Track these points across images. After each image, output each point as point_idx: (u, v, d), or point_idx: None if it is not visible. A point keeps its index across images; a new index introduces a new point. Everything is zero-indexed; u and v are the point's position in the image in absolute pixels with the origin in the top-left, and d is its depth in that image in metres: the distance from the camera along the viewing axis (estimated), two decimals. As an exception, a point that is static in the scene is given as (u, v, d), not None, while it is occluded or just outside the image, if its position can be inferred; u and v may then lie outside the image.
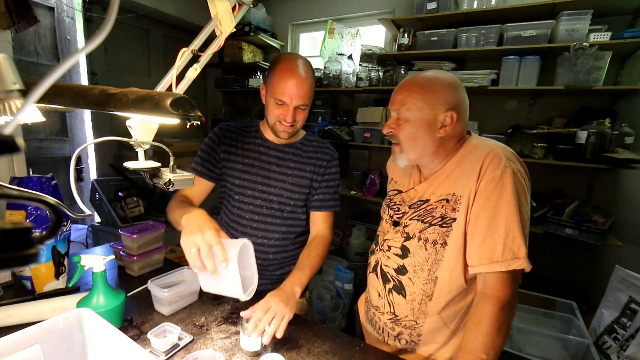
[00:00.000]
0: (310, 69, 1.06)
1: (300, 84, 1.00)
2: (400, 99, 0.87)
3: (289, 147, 1.17)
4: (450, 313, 0.87)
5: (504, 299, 0.74)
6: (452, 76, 0.87)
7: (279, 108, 1.04)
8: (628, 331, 1.43)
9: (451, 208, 0.84)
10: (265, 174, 1.15)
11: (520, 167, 0.81)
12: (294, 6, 3.15)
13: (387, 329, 0.95)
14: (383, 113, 2.49)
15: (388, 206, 1.02)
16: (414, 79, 0.88)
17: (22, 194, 0.51)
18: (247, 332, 0.81)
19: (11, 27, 1.43)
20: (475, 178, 0.80)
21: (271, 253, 1.18)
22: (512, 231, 0.75)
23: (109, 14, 0.37)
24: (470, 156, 0.84)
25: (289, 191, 1.15)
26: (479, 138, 0.90)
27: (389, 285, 0.94)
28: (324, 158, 1.18)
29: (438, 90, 0.84)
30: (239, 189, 1.15)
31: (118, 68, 2.83)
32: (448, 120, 0.84)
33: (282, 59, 1.04)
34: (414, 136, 0.86)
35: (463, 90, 0.86)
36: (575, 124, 2.00)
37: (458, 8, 2.18)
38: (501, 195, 0.76)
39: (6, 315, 0.85)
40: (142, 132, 0.75)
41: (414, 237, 0.89)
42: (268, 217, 1.15)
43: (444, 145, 0.87)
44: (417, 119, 0.85)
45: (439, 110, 0.83)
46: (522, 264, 0.74)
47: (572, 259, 2.20)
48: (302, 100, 1.03)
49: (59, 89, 0.65)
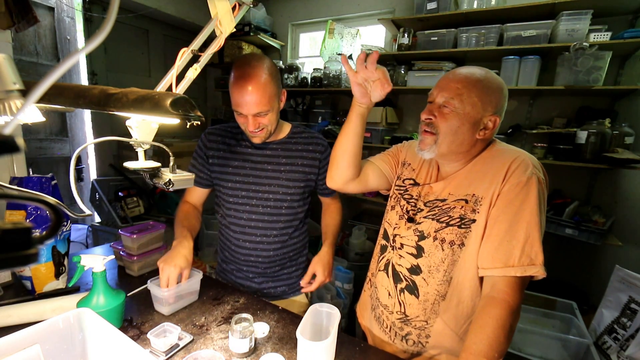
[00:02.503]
0: (267, 70, 0.99)
1: (253, 92, 0.96)
2: (457, 87, 0.82)
3: (277, 144, 1.16)
4: (460, 318, 0.85)
5: (513, 304, 0.73)
6: (502, 81, 0.86)
7: (240, 117, 1.03)
8: (628, 331, 1.43)
9: (471, 209, 0.83)
10: (257, 173, 1.15)
11: (543, 176, 0.80)
12: (294, 6, 3.15)
13: (395, 329, 0.93)
14: (383, 113, 2.49)
15: (402, 196, 0.98)
16: (473, 73, 0.84)
17: (22, 194, 0.51)
18: (235, 334, 0.81)
19: (11, 27, 1.42)
20: (499, 181, 0.79)
21: (272, 250, 1.18)
22: (532, 238, 0.74)
23: (109, 14, 0.37)
24: (494, 159, 0.84)
25: (284, 187, 1.15)
26: (502, 144, 0.90)
27: (400, 285, 0.92)
28: (316, 149, 1.18)
29: (495, 91, 0.82)
30: (232, 192, 1.16)
31: (118, 68, 2.83)
32: (491, 124, 0.83)
33: (233, 68, 1.00)
34: (455, 130, 0.83)
35: (507, 98, 0.86)
36: (575, 124, 2.00)
37: (458, 8, 2.18)
38: (524, 201, 0.76)
39: (6, 315, 0.85)
40: (142, 132, 0.75)
41: (428, 236, 0.88)
42: (265, 215, 1.16)
43: (475, 146, 0.86)
44: (467, 113, 0.81)
45: (488, 111, 0.82)
46: (539, 270, 0.74)
47: (572, 259, 2.20)
48: (258, 107, 0.98)
49: (59, 89, 0.65)
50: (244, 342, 0.81)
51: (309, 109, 2.95)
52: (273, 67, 1.02)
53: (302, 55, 3.32)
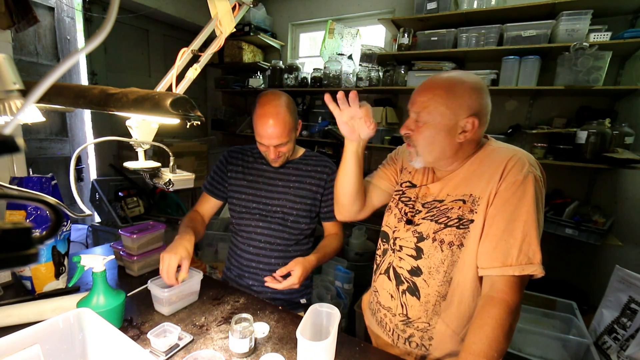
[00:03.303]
0: (286, 106, 1.11)
1: (274, 126, 1.08)
2: (422, 101, 0.83)
3: (290, 164, 1.27)
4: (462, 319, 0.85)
5: (512, 304, 0.73)
6: (477, 79, 0.83)
7: (262, 146, 1.15)
8: (628, 331, 1.43)
9: (469, 209, 0.83)
10: (268, 188, 1.24)
11: (540, 174, 0.80)
12: (294, 6, 3.15)
13: (398, 331, 0.93)
14: (383, 113, 2.49)
15: (400, 199, 0.99)
16: (438, 80, 0.84)
17: (22, 194, 0.51)
18: (235, 334, 0.81)
19: (11, 27, 1.42)
20: (496, 180, 0.79)
21: (273, 257, 1.22)
22: (529, 237, 0.75)
23: (109, 14, 0.37)
24: (490, 158, 0.84)
25: (292, 202, 1.23)
26: (498, 142, 0.89)
27: (402, 287, 0.91)
28: (324, 171, 1.25)
29: (462, 95, 0.80)
30: (245, 203, 1.24)
31: (118, 68, 2.83)
32: (469, 126, 0.81)
33: (258, 103, 1.12)
34: (431, 140, 0.84)
35: (487, 95, 0.83)
36: (575, 124, 2.00)
37: (458, 8, 2.18)
38: (521, 200, 0.76)
39: (6, 315, 0.85)
40: (142, 132, 0.75)
41: (427, 237, 0.88)
42: (272, 224, 1.22)
43: (463, 149, 0.86)
44: (438, 123, 0.82)
45: (461, 115, 0.81)
46: (537, 269, 0.74)
47: (572, 259, 2.20)
48: (279, 140, 1.10)
49: (59, 89, 0.65)
50: (244, 342, 0.81)
51: (309, 109, 2.95)
52: (291, 104, 1.15)
53: (302, 55, 3.32)
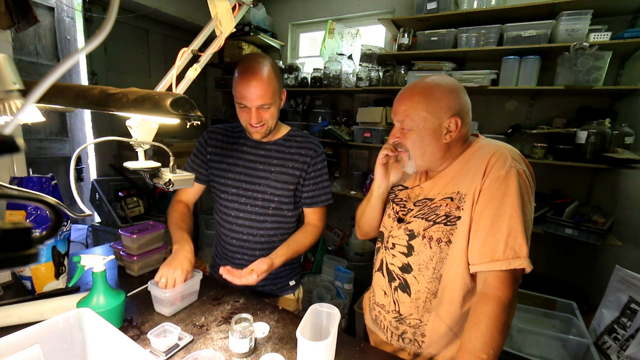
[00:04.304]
0: (270, 67, 1.04)
1: (258, 84, 1.01)
2: (403, 110, 0.87)
3: (271, 144, 1.18)
4: (454, 316, 0.86)
5: (504, 299, 0.74)
6: (452, 81, 0.87)
7: (243, 111, 1.06)
8: (628, 331, 1.43)
9: (455, 206, 0.84)
10: (248, 172, 1.16)
11: (525, 168, 0.81)
12: (294, 6, 3.15)
13: (391, 328, 0.95)
14: (383, 113, 2.49)
15: (393, 201, 1.02)
16: (415, 88, 0.87)
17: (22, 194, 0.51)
18: (235, 334, 0.81)
19: (11, 27, 1.42)
20: (480, 177, 0.81)
21: (257, 250, 1.18)
22: (515, 230, 0.75)
23: (109, 14, 0.37)
24: (476, 156, 0.85)
25: (273, 187, 1.15)
26: (487, 139, 0.91)
27: (394, 284, 0.94)
28: (307, 154, 1.16)
29: (440, 97, 0.84)
30: (224, 187, 1.18)
31: (118, 68, 2.83)
32: (453, 126, 0.84)
33: (239, 63, 1.05)
34: (420, 144, 0.87)
35: (464, 94, 0.87)
36: (575, 124, 2.00)
37: (458, 8, 2.18)
38: (505, 195, 0.77)
39: (6, 315, 0.85)
40: (142, 132, 0.75)
41: (418, 235, 0.89)
42: (252, 214, 1.16)
43: (451, 149, 0.88)
44: (422, 128, 0.85)
45: (443, 117, 0.84)
46: (523, 263, 0.74)
47: (572, 259, 2.20)
48: (262, 100, 1.02)
49: (59, 89, 0.65)
50: (244, 342, 0.81)
51: (309, 109, 2.95)
52: (275, 66, 1.08)
53: (302, 55, 3.32)
